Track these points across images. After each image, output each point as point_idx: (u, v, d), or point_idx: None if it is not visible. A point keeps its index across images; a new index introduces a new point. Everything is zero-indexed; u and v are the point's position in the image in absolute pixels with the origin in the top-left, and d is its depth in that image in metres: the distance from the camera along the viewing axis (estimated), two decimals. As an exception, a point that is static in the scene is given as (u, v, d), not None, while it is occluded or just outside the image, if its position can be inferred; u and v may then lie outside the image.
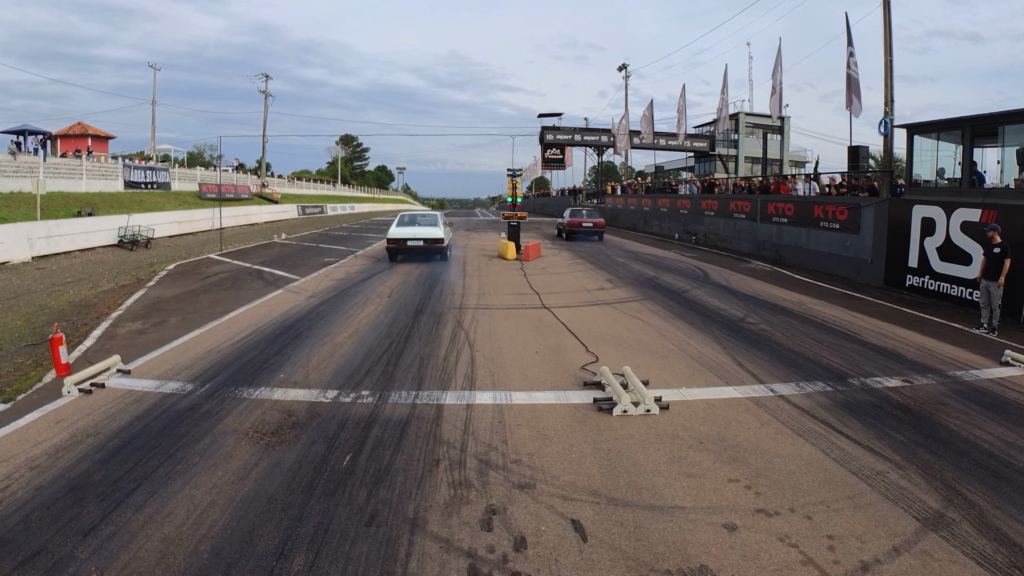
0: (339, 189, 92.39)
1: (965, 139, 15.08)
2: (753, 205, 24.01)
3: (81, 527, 4.22)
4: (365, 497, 4.65)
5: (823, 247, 19.29)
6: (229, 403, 6.70)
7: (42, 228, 21.65)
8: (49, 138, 39.69)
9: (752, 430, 6.03)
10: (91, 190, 33.02)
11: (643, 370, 7.78)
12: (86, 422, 6.18)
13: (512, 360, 8.42)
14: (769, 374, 7.89)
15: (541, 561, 3.85)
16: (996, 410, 6.74)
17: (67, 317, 11.66)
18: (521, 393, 7.08)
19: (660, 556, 3.92)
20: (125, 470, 5.10)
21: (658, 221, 35.99)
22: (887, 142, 18.77)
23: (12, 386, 7.54)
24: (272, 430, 5.95)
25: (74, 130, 45.19)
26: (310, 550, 3.95)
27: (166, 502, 4.55)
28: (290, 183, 72.89)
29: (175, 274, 17.64)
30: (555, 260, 21.18)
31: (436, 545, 4.02)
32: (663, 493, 4.76)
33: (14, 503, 4.55)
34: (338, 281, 15.85)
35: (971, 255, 12.78)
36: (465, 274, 17.36)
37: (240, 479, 4.94)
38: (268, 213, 49.42)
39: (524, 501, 4.60)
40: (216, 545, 4.00)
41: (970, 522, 4.35)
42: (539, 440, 5.75)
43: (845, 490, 4.81)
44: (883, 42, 18.62)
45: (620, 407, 6.39)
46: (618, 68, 55.48)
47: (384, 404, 6.69)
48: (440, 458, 5.36)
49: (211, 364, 8.19)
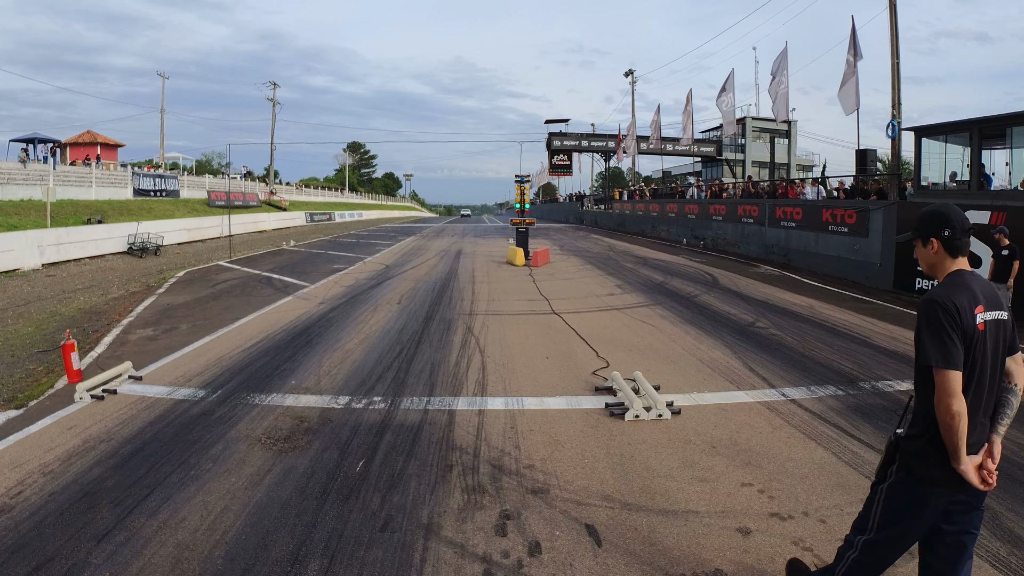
0: (347, 196, 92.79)
1: (973, 141, 15.05)
2: (761, 209, 23.96)
3: (95, 533, 4.23)
4: (379, 503, 4.64)
5: (832, 251, 19.22)
6: (241, 409, 6.72)
7: (52, 235, 21.80)
8: (59, 146, 40.00)
9: (764, 434, 6.01)
10: (101, 198, 33.28)
11: (654, 375, 7.76)
12: (98, 428, 6.20)
13: (523, 366, 8.41)
14: (780, 378, 7.85)
15: (556, 566, 3.83)
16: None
17: (78, 324, 11.73)
18: (533, 398, 7.07)
19: (675, 561, 3.90)
20: (138, 476, 5.11)
21: (666, 226, 35.96)
22: (895, 145, 18.76)
23: (24, 392, 7.58)
24: (284, 436, 5.96)
25: (83, 138, 45.60)
26: (324, 556, 3.95)
27: (179, 508, 4.56)
28: (298, 190, 73.28)
29: (185, 281, 17.71)
30: (564, 266, 21.18)
31: (451, 551, 4.01)
32: (676, 498, 4.74)
33: (27, 508, 4.57)
34: (348, 288, 15.89)
35: (980, 258, 12.71)
36: (474, 280, 17.38)
37: (253, 485, 4.94)
38: (276, 220, 49.67)
39: (538, 506, 4.59)
40: (230, 551, 4.00)
41: (983, 524, 4.31)
42: (552, 445, 5.74)
43: (858, 493, 4.78)
44: (890, 45, 18.61)
45: (632, 412, 6.37)
46: (624, 74, 55.66)
47: (396, 410, 6.69)
48: (453, 464, 5.35)
49: (222, 370, 8.21)
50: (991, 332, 2.71)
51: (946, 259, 2.87)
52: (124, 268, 21.23)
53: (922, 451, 2.78)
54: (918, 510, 2.80)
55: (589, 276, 18.37)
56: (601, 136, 58.11)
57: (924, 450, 2.77)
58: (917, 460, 2.79)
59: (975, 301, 2.70)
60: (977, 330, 2.67)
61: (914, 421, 2.87)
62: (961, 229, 2.83)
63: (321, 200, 77.12)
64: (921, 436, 2.79)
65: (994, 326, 2.73)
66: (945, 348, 2.63)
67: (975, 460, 2.70)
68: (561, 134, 55.99)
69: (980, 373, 2.69)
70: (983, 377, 2.71)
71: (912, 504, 2.81)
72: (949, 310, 2.65)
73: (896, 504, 2.86)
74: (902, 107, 18.47)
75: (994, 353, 2.73)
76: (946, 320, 2.65)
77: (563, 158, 58.93)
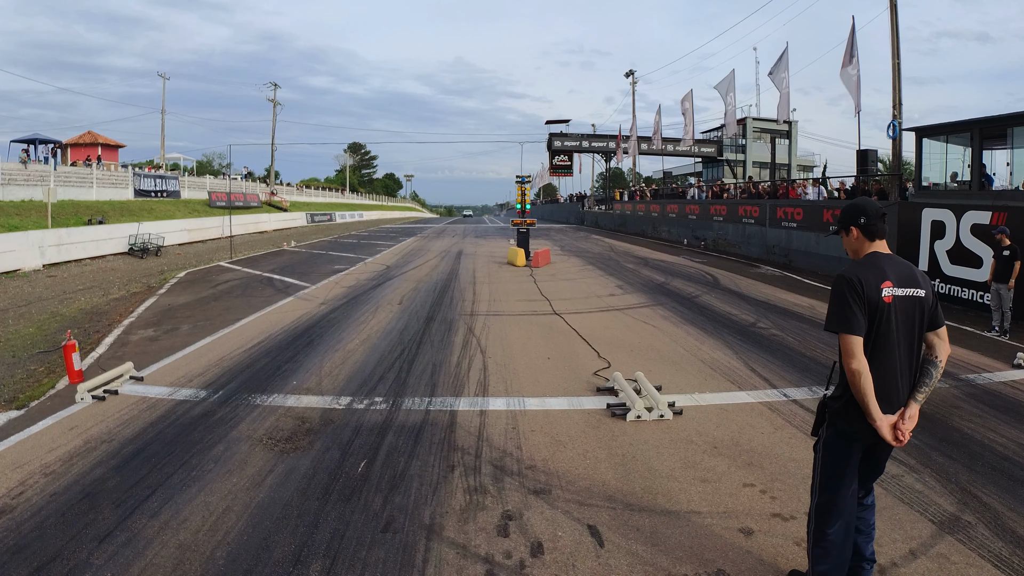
0: (347, 197, 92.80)
1: (974, 142, 15.03)
2: (762, 210, 23.96)
3: (96, 533, 4.22)
4: (381, 503, 4.64)
5: (833, 251, 19.21)
6: (242, 410, 6.71)
7: (53, 236, 21.80)
8: (60, 147, 40.03)
9: (766, 435, 6.00)
10: (101, 198, 33.30)
11: (656, 375, 7.75)
12: (100, 429, 6.20)
13: (524, 366, 8.41)
14: (781, 378, 7.85)
15: (559, 567, 3.83)
16: (1010, 413, 6.70)
17: (79, 324, 11.73)
18: (534, 399, 7.07)
19: (677, 561, 3.89)
20: (139, 476, 5.11)
21: (667, 227, 35.96)
22: (896, 145, 18.74)
23: (26, 393, 7.58)
24: (286, 436, 5.95)
25: (84, 139, 45.62)
26: (327, 556, 3.94)
27: (181, 508, 4.56)
28: (299, 191, 73.30)
29: (186, 282, 17.72)
30: (565, 266, 21.18)
31: (453, 551, 4.01)
32: (679, 498, 4.73)
33: (29, 509, 4.56)
34: (348, 288, 15.90)
35: (981, 258, 12.71)
36: (475, 281, 17.38)
37: (255, 485, 4.94)
38: (277, 221, 49.67)
39: (540, 507, 4.58)
40: (232, 551, 4.00)
41: (986, 525, 4.31)
42: (553, 446, 5.73)
43: (861, 495, 4.78)
44: (891, 45, 18.60)
45: (634, 413, 6.37)
46: (625, 75, 55.77)
47: (398, 411, 6.69)
48: (455, 464, 5.35)
49: (223, 371, 8.21)
50: (900, 306, 3.10)
51: (865, 243, 3.31)
52: (125, 269, 21.23)
53: (842, 409, 3.22)
54: (847, 459, 3.27)
55: (590, 277, 18.37)
56: (602, 136, 58.09)
57: (844, 408, 3.20)
58: (839, 417, 3.25)
59: (883, 278, 3.11)
60: (883, 302, 3.07)
61: (837, 384, 3.32)
62: (875, 216, 3.27)
63: (322, 201, 77.11)
64: (842, 396, 3.22)
65: (906, 302, 3.12)
66: (844, 316, 3.07)
67: (891, 419, 3.11)
68: (562, 135, 55.95)
69: (886, 341, 3.09)
70: (889, 344, 3.10)
71: (842, 455, 3.28)
72: (853, 284, 3.08)
73: (830, 457, 3.32)
74: (903, 107, 18.46)
75: (906, 325, 3.13)
76: (849, 293, 3.08)
77: (564, 159, 58.89)
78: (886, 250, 3.29)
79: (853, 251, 3.39)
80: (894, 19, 18.56)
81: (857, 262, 3.28)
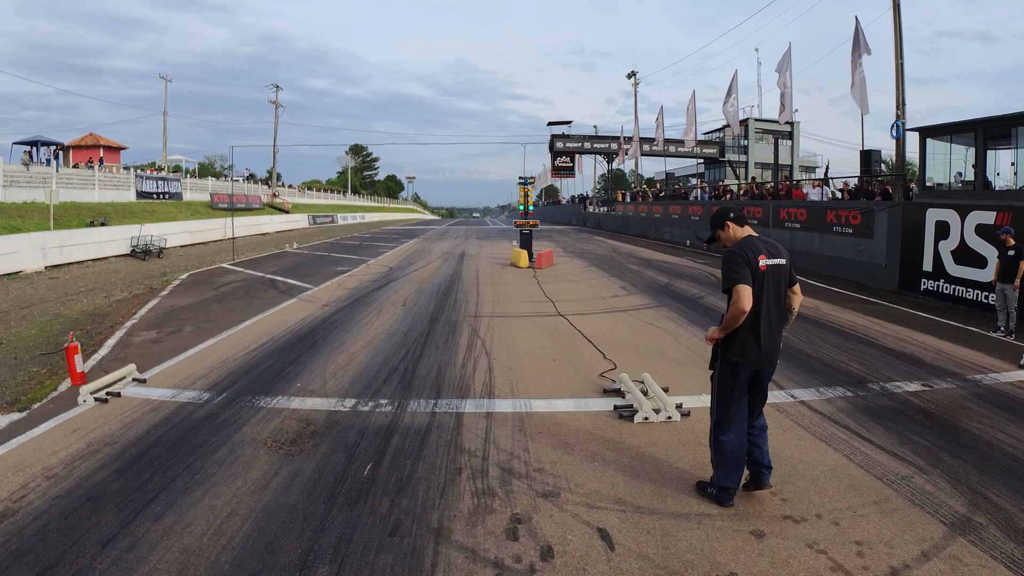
0: (349, 199, 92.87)
1: (978, 141, 15.00)
2: (765, 211, 23.90)
3: (99, 537, 4.17)
4: (388, 507, 4.58)
5: (836, 252, 19.16)
6: (246, 412, 6.67)
7: (55, 238, 21.80)
8: (62, 149, 40.05)
9: (775, 436, 5.93)
10: (103, 200, 33.32)
11: (662, 377, 7.70)
12: (102, 431, 6.15)
13: (530, 368, 8.36)
14: (789, 380, 7.79)
15: (569, 571, 3.77)
16: (1018, 413, 6.64)
17: (81, 326, 11.70)
18: (540, 401, 7.01)
19: (689, 564, 3.84)
20: (143, 480, 5.06)
21: (669, 228, 35.92)
22: (899, 146, 18.66)
23: (27, 395, 7.55)
24: (291, 439, 5.91)
25: (86, 141, 45.66)
26: (333, 561, 3.89)
27: (185, 512, 4.51)
28: (301, 193, 73.34)
29: (188, 283, 17.69)
30: (568, 268, 21.14)
31: (462, 555, 3.95)
32: (689, 500, 4.68)
33: (31, 513, 4.51)
34: (352, 290, 15.86)
35: (986, 258, 12.65)
36: (479, 282, 17.34)
37: (260, 489, 4.89)
38: (279, 223, 49.67)
39: (549, 510, 4.53)
40: (237, 556, 3.95)
41: (997, 526, 4.26)
42: (561, 448, 5.68)
43: (871, 495, 4.73)
44: (894, 45, 18.53)
45: (641, 414, 6.31)
46: (627, 76, 55.69)
47: (403, 413, 6.63)
48: (462, 467, 5.29)
49: (227, 373, 8.17)
50: (771, 272, 4.37)
51: (738, 230, 4.54)
52: (127, 270, 21.21)
53: (730, 345, 4.42)
54: (735, 381, 4.46)
55: (593, 278, 18.33)
56: (604, 138, 57.97)
57: (731, 344, 4.42)
58: (728, 352, 4.44)
59: (758, 251, 4.35)
60: (759, 270, 4.31)
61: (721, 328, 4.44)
62: (739, 211, 4.65)
63: (324, 202, 77.14)
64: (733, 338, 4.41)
65: (774, 269, 4.40)
66: (739, 274, 4.24)
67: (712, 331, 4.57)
68: (564, 136, 55.81)
69: (765, 298, 4.34)
70: (766, 300, 4.34)
71: (731, 379, 4.48)
72: (741, 255, 4.32)
73: (723, 381, 4.52)
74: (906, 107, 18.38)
75: (776, 286, 4.41)
76: (740, 260, 4.30)
77: (566, 160, 58.76)
78: (754, 233, 4.54)
79: (731, 239, 4.54)
80: (897, 19, 18.48)
81: (740, 242, 4.46)
